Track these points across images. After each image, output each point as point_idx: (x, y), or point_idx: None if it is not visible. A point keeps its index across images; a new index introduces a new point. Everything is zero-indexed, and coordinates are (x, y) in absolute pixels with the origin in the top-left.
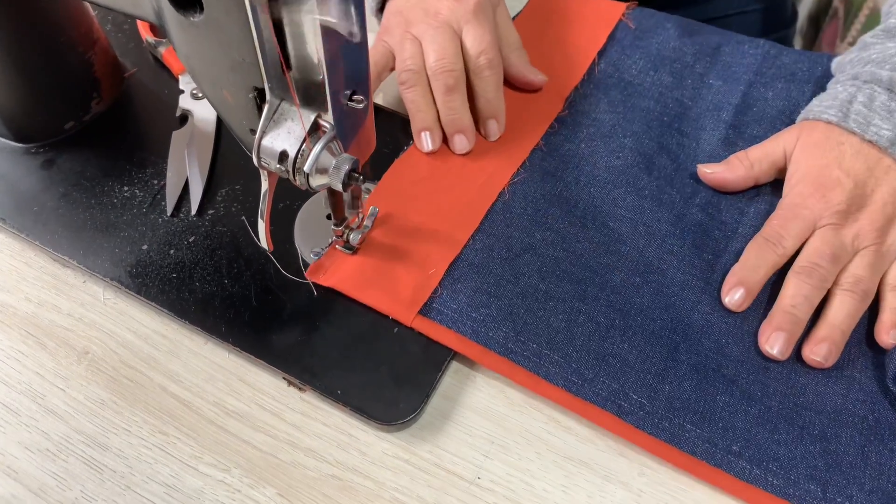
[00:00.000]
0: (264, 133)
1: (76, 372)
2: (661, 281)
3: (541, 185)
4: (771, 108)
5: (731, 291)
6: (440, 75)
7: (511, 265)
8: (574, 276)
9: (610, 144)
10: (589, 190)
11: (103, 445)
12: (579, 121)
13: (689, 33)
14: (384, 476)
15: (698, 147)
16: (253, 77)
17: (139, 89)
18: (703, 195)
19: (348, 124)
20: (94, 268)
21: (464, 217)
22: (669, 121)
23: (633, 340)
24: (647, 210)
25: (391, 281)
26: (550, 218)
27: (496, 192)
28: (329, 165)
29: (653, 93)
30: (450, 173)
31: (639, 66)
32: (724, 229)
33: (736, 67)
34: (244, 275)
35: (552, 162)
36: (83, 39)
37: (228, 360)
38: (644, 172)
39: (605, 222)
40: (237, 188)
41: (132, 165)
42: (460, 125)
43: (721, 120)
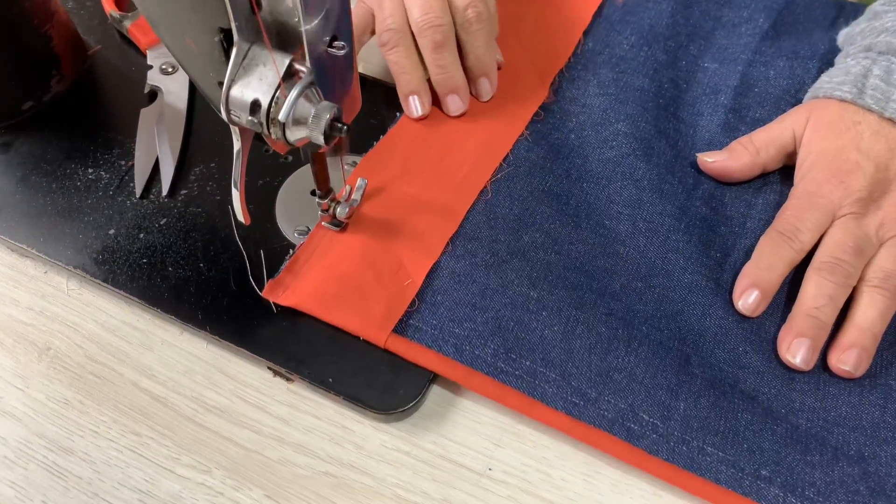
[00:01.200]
0: (233, 81)
1: (36, 370)
2: (667, 284)
3: (527, 180)
4: (774, 87)
5: (745, 294)
6: (427, 31)
7: (497, 272)
8: (569, 282)
9: (602, 133)
10: (581, 185)
11: (67, 449)
12: (567, 108)
13: (683, 7)
14: (384, 471)
15: (696, 134)
16: (218, 16)
17: (104, 67)
18: (704, 187)
19: (329, 74)
20: (56, 256)
21: (440, 220)
22: (665, 103)
23: (640, 352)
24: (647, 204)
25: (360, 296)
26: (539, 217)
27: (476, 189)
28: (308, 114)
29: (647, 69)
30: (426, 167)
31: (630, 41)
32: (731, 224)
33: (732, 49)
34: (221, 257)
35: (539, 153)
36: (39, 11)
37: (206, 350)
38: (642, 160)
39: (601, 221)
40: (212, 166)
41: (97, 146)
42: (453, 84)
43: (719, 104)
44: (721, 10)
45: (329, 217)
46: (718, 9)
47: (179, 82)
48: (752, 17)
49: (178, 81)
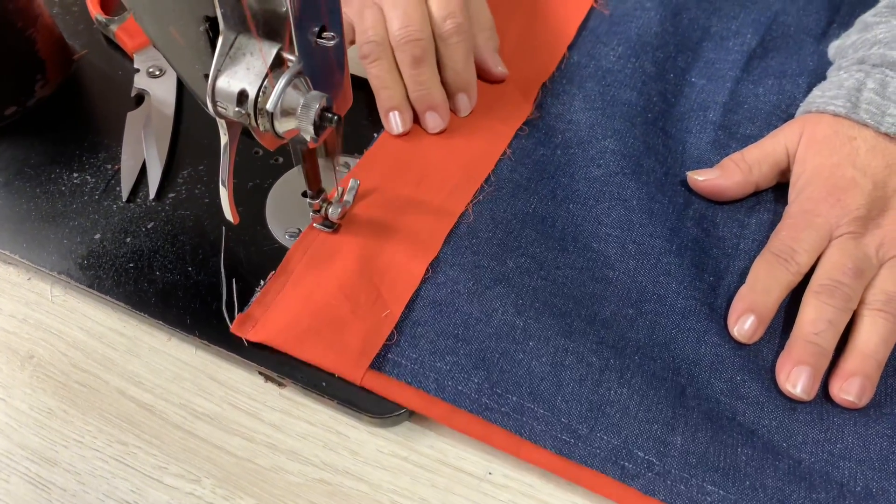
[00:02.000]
0: (219, 72)
1: (19, 379)
2: (659, 310)
3: (511, 201)
4: (764, 103)
5: (741, 320)
6: (405, 45)
7: (481, 300)
8: (556, 309)
9: (589, 150)
10: (568, 206)
11: (51, 460)
12: (552, 124)
13: (671, 14)
14: (380, 477)
15: (685, 151)
16: (203, 4)
17: (90, 71)
18: (695, 207)
19: (318, 65)
20: (40, 262)
21: (419, 246)
22: (654, 118)
23: (633, 384)
24: (637, 225)
25: (335, 330)
26: (524, 241)
27: (457, 213)
28: (297, 104)
29: (635, 82)
30: (404, 190)
31: (617, 52)
32: (723, 246)
33: (720, 64)
34: (210, 261)
35: (523, 173)
36: (22, 13)
37: (196, 356)
38: (630, 179)
39: (589, 243)
40: (200, 168)
41: (82, 150)
42: (431, 101)
43: (708, 120)
44: (710, 19)
45: (321, 218)
46: (707, 17)
47: (167, 86)
48: (740, 31)
49: (166, 85)
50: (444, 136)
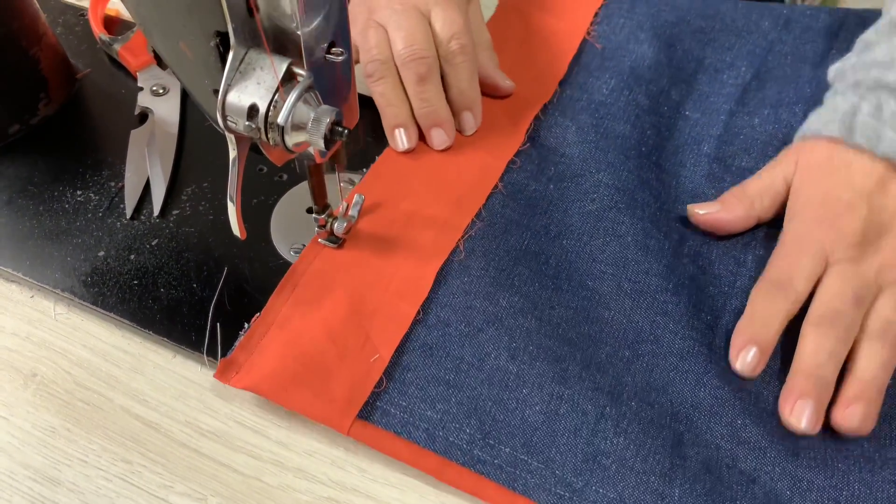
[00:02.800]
0: (230, 86)
1: (22, 398)
2: (656, 351)
3: (503, 237)
4: (760, 133)
5: (742, 353)
6: (410, 63)
7: (473, 343)
8: (551, 353)
9: (582, 184)
10: (561, 242)
11: (54, 480)
12: (545, 156)
13: (666, 46)
14: (389, 495)
15: (679, 185)
16: (214, 19)
17: (93, 90)
18: (690, 244)
19: (327, 80)
20: (43, 280)
21: (410, 285)
22: (647, 151)
23: (630, 432)
24: (632, 262)
25: (322, 377)
26: (517, 279)
27: (448, 249)
28: (307, 119)
29: (628, 114)
30: (392, 227)
31: (610, 85)
32: (720, 284)
33: (714, 98)
34: (215, 278)
35: (515, 208)
36: (27, 32)
37: (201, 373)
38: (625, 214)
39: (583, 281)
40: (205, 186)
41: (86, 168)
42: (436, 118)
43: (702, 153)
44: (704, 49)
45: (326, 233)
46: (701, 48)
47: (170, 104)
48: (734, 64)
49: (169, 103)
50: (433, 171)
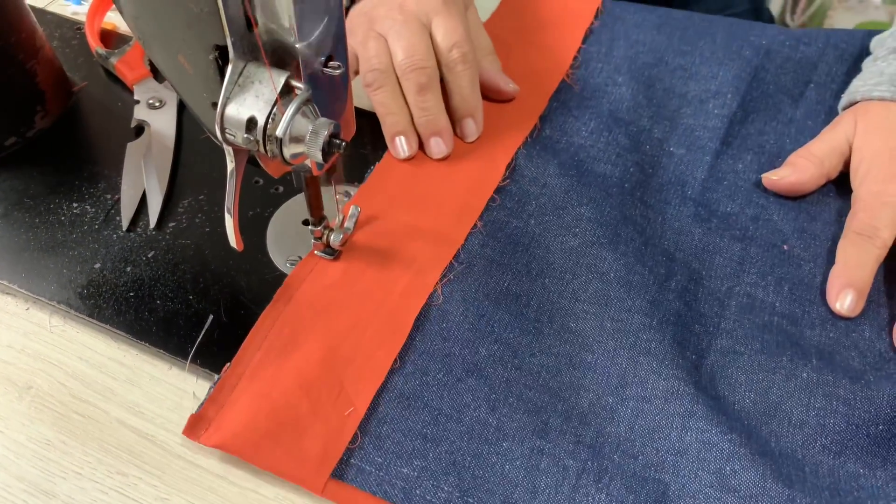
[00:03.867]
0: (228, 100)
1: (17, 410)
2: (641, 394)
3: (483, 279)
4: (744, 181)
5: (841, 296)
6: (410, 73)
7: (451, 394)
8: (531, 404)
9: (564, 218)
10: (543, 281)
11: (49, 493)
12: (526, 189)
13: (644, 87)
14: None
15: (664, 222)
16: (213, 33)
17: (89, 103)
18: (678, 279)
19: (325, 93)
20: (39, 292)
21: (386, 332)
22: (631, 188)
23: (612, 488)
24: (614, 299)
25: (294, 433)
26: (497, 325)
27: (425, 293)
28: (305, 131)
29: (609, 155)
30: (367, 272)
31: (590, 127)
32: (705, 323)
33: (699, 132)
34: (211, 289)
35: (495, 247)
36: (24, 46)
37: (197, 385)
38: (607, 249)
39: (566, 323)
40: (201, 198)
41: (82, 181)
42: (436, 127)
43: (687, 196)
44: (687, 84)
45: (322, 245)
46: (684, 84)
47: (167, 117)
48: (720, 91)
49: (166, 116)
50: (412, 209)
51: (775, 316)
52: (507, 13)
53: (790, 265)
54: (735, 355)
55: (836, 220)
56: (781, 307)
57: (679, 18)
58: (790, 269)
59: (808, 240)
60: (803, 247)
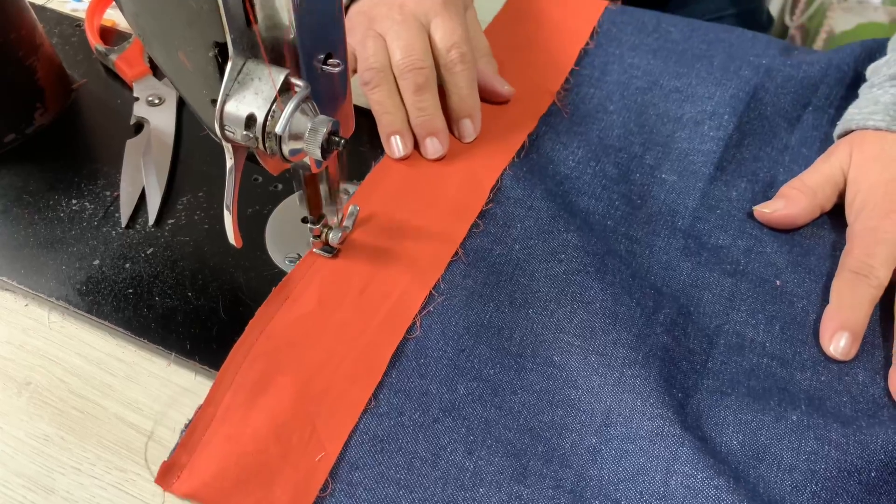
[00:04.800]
0: (228, 96)
1: (16, 406)
2: (625, 434)
3: (464, 311)
4: (737, 209)
5: (835, 338)
6: (408, 73)
7: (428, 435)
8: (511, 447)
9: (550, 242)
10: (527, 312)
11: (48, 488)
12: (511, 212)
13: (636, 115)
14: None
15: (652, 256)
16: (213, 30)
17: (89, 100)
18: (666, 312)
19: (324, 91)
20: (38, 288)
21: (361, 366)
22: (614, 224)
23: None
24: (599, 331)
25: (264, 480)
26: (478, 361)
27: (403, 326)
28: (304, 128)
29: (594, 188)
30: (344, 301)
31: (577, 156)
32: (692, 361)
33: (693, 156)
34: (210, 286)
35: (477, 276)
36: (24, 43)
37: (195, 381)
38: (594, 278)
39: (549, 356)
40: (200, 195)
41: (81, 177)
42: (432, 127)
43: (677, 228)
44: (682, 107)
45: (321, 243)
46: (678, 107)
47: (166, 114)
48: (717, 112)
49: (165, 113)
50: (392, 236)
51: (765, 357)
52: (501, 29)
53: (782, 302)
54: (722, 395)
55: (830, 254)
56: (772, 347)
57: (677, 40)
58: (782, 307)
59: (803, 274)
60: (797, 282)
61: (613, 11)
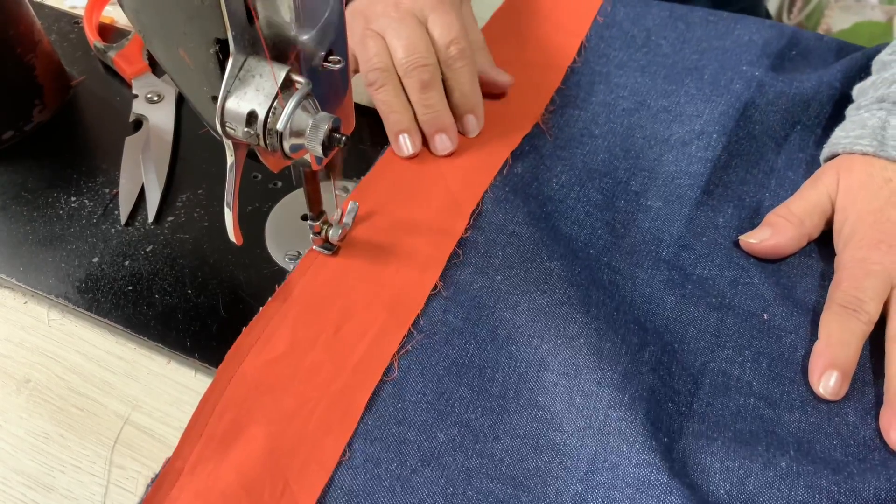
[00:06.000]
0: (229, 93)
1: (15, 403)
2: (612, 482)
3: (444, 351)
4: (724, 237)
5: (824, 377)
6: (413, 71)
7: (405, 488)
8: (492, 497)
9: (533, 272)
10: (510, 349)
11: (48, 486)
12: (492, 238)
13: (621, 139)
14: None
15: (635, 289)
16: (214, 26)
17: (88, 97)
18: (651, 349)
19: (325, 88)
20: (37, 285)
21: (336, 413)
22: (597, 254)
23: None
24: (584, 370)
25: None
26: (458, 404)
27: (380, 368)
28: (306, 125)
29: (577, 213)
30: (319, 339)
31: (561, 179)
32: (678, 402)
33: (680, 179)
34: (210, 284)
35: (458, 313)
36: (23, 39)
37: (195, 379)
38: (578, 311)
39: (534, 397)
40: (199, 192)
41: (80, 175)
42: (440, 123)
43: (661, 259)
44: (670, 127)
45: (321, 240)
46: (666, 127)
47: (165, 111)
48: (705, 131)
49: (164, 110)
50: (368, 271)
51: (751, 398)
52: (490, 41)
53: (770, 337)
54: (708, 440)
55: (819, 285)
56: (759, 387)
57: (667, 53)
58: (769, 342)
59: (790, 307)
60: (785, 315)
61: (601, 25)
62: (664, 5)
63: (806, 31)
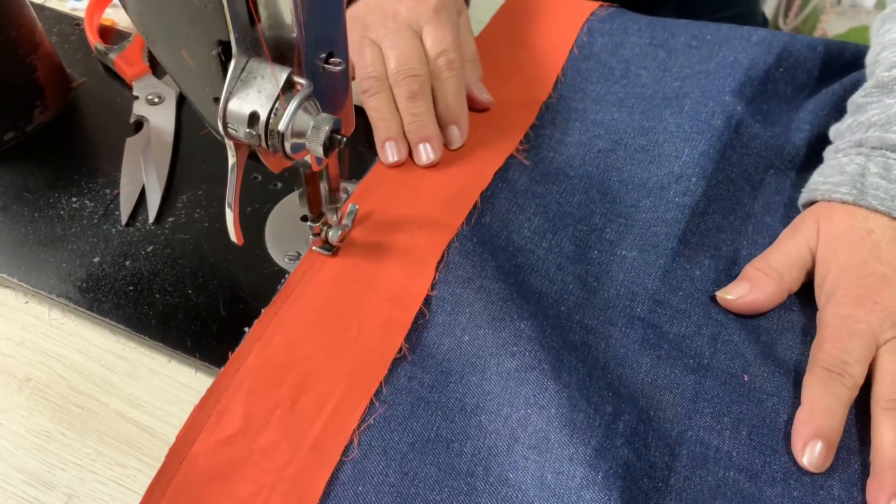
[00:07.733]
0: (231, 95)
1: (16, 402)
2: None
3: (408, 423)
4: (700, 292)
5: (809, 447)
6: (403, 81)
7: None
8: None
9: (501, 333)
10: (479, 419)
11: (48, 483)
12: (459, 294)
13: (598, 182)
14: None
15: (608, 350)
16: (217, 28)
17: (88, 98)
18: (626, 419)
19: (326, 89)
20: (38, 285)
21: (291, 499)
22: (568, 311)
23: None
24: (555, 445)
25: None
26: (423, 486)
27: (339, 447)
28: (307, 126)
29: (548, 266)
30: (272, 417)
31: (533, 224)
32: (654, 477)
33: (657, 227)
34: (210, 284)
35: (424, 380)
36: (24, 41)
37: (195, 378)
38: (550, 378)
39: (504, 475)
40: (200, 193)
41: (81, 175)
42: (424, 133)
43: (636, 316)
44: (648, 169)
45: (321, 241)
46: (644, 169)
47: (166, 113)
48: (684, 174)
49: (165, 112)
50: (327, 341)
51: (731, 470)
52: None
53: (750, 401)
54: None
55: (801, 342)
56: (739, 458)
57: (646, 84)
58: (750, 407)
59: (772, 367)
60: (766, 376)
61: (577, 58)
62: (644, 32)
63: (798, 36)
